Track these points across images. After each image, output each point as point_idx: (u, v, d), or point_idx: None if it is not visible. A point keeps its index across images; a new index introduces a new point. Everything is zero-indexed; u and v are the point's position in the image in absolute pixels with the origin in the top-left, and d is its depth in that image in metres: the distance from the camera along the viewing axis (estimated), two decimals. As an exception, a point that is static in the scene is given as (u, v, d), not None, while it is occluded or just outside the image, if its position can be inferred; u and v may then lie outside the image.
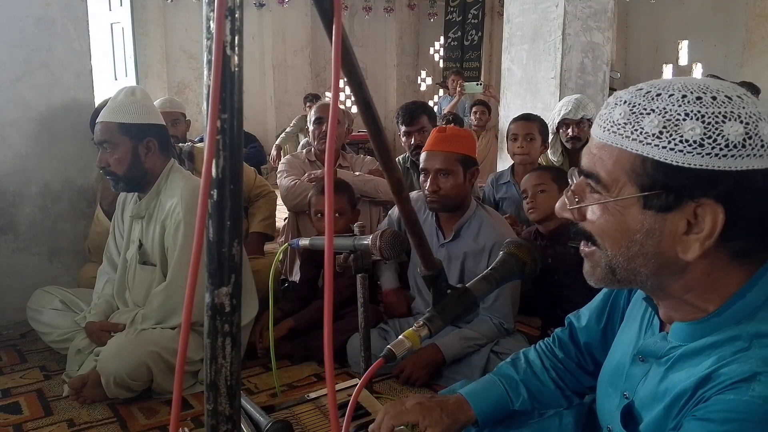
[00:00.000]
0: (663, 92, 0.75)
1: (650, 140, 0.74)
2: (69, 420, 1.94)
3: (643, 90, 0.77)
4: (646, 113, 0.75)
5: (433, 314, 0.95)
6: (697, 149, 0.72)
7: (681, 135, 0.72)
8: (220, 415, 0.50)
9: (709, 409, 0.74)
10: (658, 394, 0.85)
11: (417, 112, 3.21)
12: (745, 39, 6.12)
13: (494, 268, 1.01)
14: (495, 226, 2.25)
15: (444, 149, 2.20)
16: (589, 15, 3.67)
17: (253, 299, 2.34)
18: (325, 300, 0.53)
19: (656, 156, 0.73)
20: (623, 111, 0.77)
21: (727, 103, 0.73)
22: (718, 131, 0.71)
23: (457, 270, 2.26)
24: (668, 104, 0.74)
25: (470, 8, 8.87)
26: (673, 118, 0.73)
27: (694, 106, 0.73)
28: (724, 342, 0.78)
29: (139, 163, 2.13)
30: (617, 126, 0.77)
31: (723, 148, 0.71)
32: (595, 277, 0.85)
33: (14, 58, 2.70)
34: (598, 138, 0.80)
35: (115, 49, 6.78)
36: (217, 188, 0.47)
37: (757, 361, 0.73)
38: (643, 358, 0.92)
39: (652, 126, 0.74)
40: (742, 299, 0.78)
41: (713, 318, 0.80)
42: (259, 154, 6.33)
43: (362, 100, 0.66)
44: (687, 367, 0.81)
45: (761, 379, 0.71)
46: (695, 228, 0.75)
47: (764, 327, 0.76)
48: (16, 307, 2.54)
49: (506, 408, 1.15)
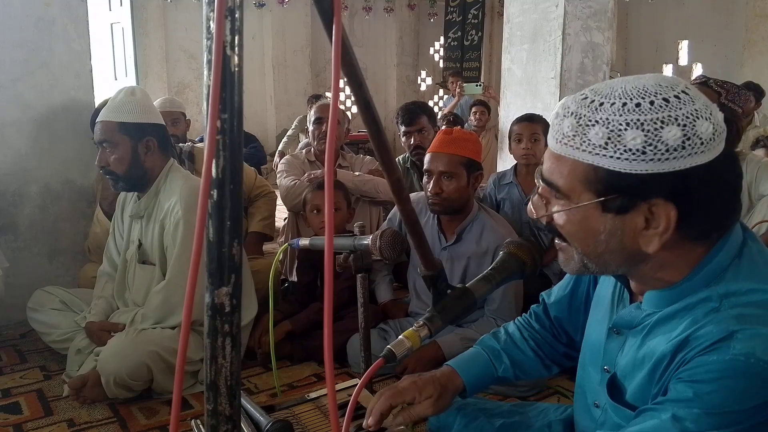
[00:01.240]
0: (605, 101, 0.79)
1: (598, 151, 0.79)
2: (69, 420, 1.94)
3: (587, 99, 0.81)
4: (591, 125, 0.79)
5: (433, 314, 0.95)
6: (640, 156, 0.76)
7: (624, 145, 0.77)
8: (220, 415, 0.50)
9: (694, 371, 0.78)
10: (637, 362, 0.90)
11: (416, 113, 3.21)
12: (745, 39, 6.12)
13: (494, 268, 1.01)
14: (497, 229, 2.25)
15: (448, 152, 2.18)
16: (589, 15, 3.66)
17: (252, 299, 2.34)
18: (325, 300, 0.53)
19: (605, 165, 0.79)
20: (571, 123, 0.82)
21: (665, 107, 0.77)
22: (657, 138, 0.76)
23: (459, 273, 2.26)
24: (610, 114, 0.78)
25: (470, 8, 8.87)
26: (616, 129, 0.77)
27: (634, 115, 0.77)
28: (696, 304, 0.83)
29: (139, 163, 2.13)
30: (567, 138, 0.82)
31: (664, 152, 0.76)
32: (570, 268, 0.91)
33: (14, 58, 2.70)
34: (553, 149, 0.86)
35: (115, 49, 6.77)
36: (217, 188, 0.47)
37: (731, 320, 0.78)
38: (618, 330, 0.97)
39: (598, 138, 0.78)
40: (708, 264, 0.84)
41: (684, 283, 0.85)
42: (259, 154, 6.31)
43: (362, 101, 0.66)
44: (663, 332, 0.86)
45: (738, 336, 0.76)
46: (653, 223, 0.80)
47: (732, 286, 0.81)
48: (16, 307, 2.54)
49: (491, 375, 1.21)
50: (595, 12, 3.73)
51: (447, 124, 4.97)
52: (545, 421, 1.20)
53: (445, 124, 4.97)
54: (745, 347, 0.75)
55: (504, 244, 1.04)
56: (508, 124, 4.06)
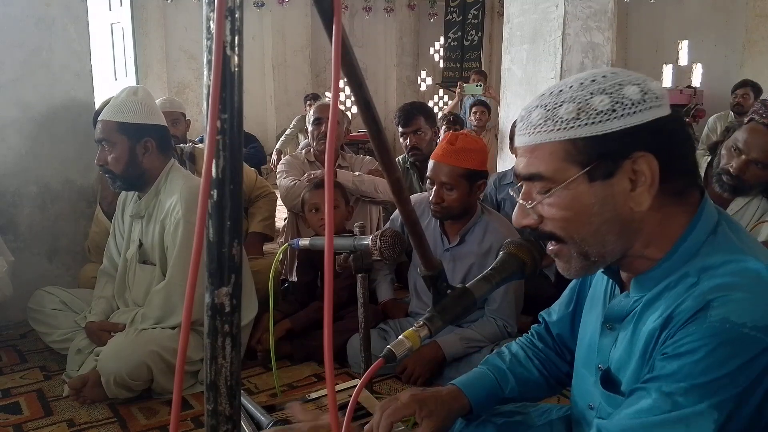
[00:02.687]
0: (564, 87, 0.87)
1: (573, 124, 0.84)
2: (69, 420, 1.94)
3: (546, 93, 0.89)
4: (558, 106, 0.86)
5: (433, 314, 0.95)
6: (612, 114, 0.83)
7: (594, 109, 0.83)
8: (220, 415, 0.50)
9: (676, 344, 0.81)
10: (632, 351, 0.91)
11: (413, 114, 3.21)
12: (745, 39, 6.12)
13: (494, 269, 1.00)
14: (500, 230, 2.25)
15: (450, 163, 2.15)
16: (589, 15, 3.66)
17: (252, 299, 2.34)
18: (325, 300, 0.53)
19: (583, 134, 0.84)
20: (539, 113, 0.87)
21: (615, 75, 0.86)
22: (621, 95, 0.83)
23: (462, 274, 2.25)
24: (573, 93, 0.85)
25: (470, 8, 8.86)
26: (583, 99, 0.84)
27: (594, 86, 0.85)
28: (676, 282, 0.87)
29: (137, 163, 2.13)
30: (538, 126, 0.87)
31: (630, 107, 0.83)
32: (572, 269, 0.92)
33: (14, 58, 2.70)
34: (525, 144, 0.90)
35: (115, 49, 6.77)
36: (217, 188, 0.47)
37: (707, 291, 0.81)
38: (611, 325, 0.98)
39: (568, 113, 0.84)
40: (685, 242, 0.88)
41: (664, 263, 0.89)
42: (259, 154, 6.32)
43: (362, 101, 0.66)
44: (650, 313, 0.88)
45: (714, 304, 0.79)
46: (638, 182, 0.85)
47: (708, 260, 0.85)
48: (16, 307, 2.54)
49: (497, 395, 1.19)
50: (595, 12, 3.72)
51: (447, 124, 4.97)
52: (547, 420, 1.20)
53: (446, 124, 4.97)
54: (720, 313, 0.78)
55: (504, 244, 1.04)
56: (508, 124, 4.06)
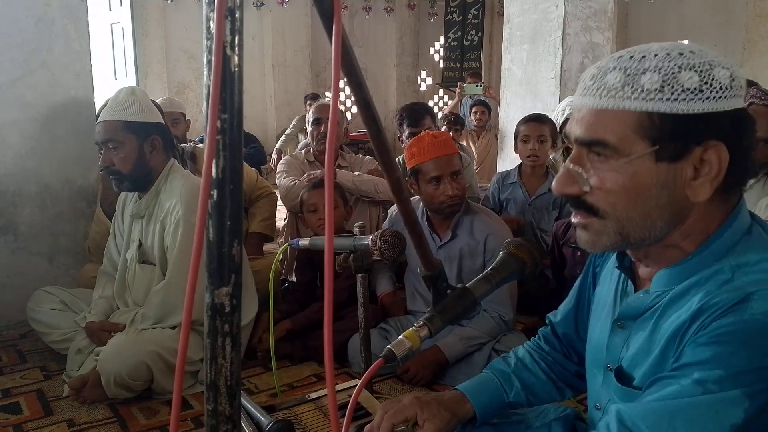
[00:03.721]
0: (647, 54, 0.80)
1: (653, 96, 0.78)
2: (69, 420, 1.94)
3: (625, 56, 0.82)
4: (641, 73, 0.79)
5: (433, 314, 0.95)
6: (698, 95, 0.77)
7: (681, 85, 0.77)
8: (220, 415, 0.50)
9: (711, 334, 0.77)
10: (650, 347, 0.88)
11: (421, 113, 3.22)
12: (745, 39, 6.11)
13: (494, 268, 1.00)
14: (486, 220, 2.31)
15: (454, 152, 2.28)
16: (589, 15, 3.66)
17: (253, 299, 2.34)
18: (325, 300, 0.53)
19: (662, 109, 0.78)
20: (617, 76, 0.81)
21: (704, 54, 0.80)
22: (711, 76, 0.78)
23: (456, 269, 2.28)
24: (659, 62, 0.79)
25: (470, 8, 8.86)
26: (670, 71, 0.78)
27: (682, 60, 0.79)
28: (708, 278, 0.82)
29: (145, 161, 2.14)
30: (614, 90, 0.81)
31: (718, 90, 0.78)
32: (600, 244, 0.87)
33: (14, 58, 2.70)
34: (594, 105, 0.83)
35: (115, 49, 6.77)
36: (217, 188, 0.47)
37: (746, 284, 0.78)
38: (622, 324, 0.95)
39: (653, 82, 0.78)
40: (720, 238, 0.84)
41: (695, 257, 0.85)
42: (259, 154, 6.31)
43: (362, 101, 0.66)
44: (676, 309, 0.84)
45: (755, 297, 0.76)
46: (702, 171, 0.80)
47: (744, 258, 0.82)
48: (16, 307, 2.54)
49: (502, 400, 1.17)
50: (595, 12, 3.73)
51: (448, 124, 4.97)
52: (545, 421, 1.19)
53: (446, 124, 4.97)
54: (763, 306, 0.75)
55: (504, 244, 1.04)
56: (508, 124, 4.06)
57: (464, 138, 5.45)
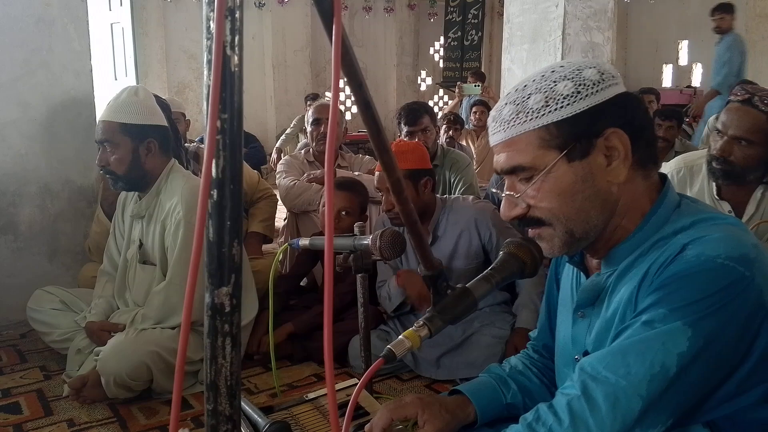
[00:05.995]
0: (528, 83, 0.94)
1: (543, 111, 0.91)
2: (69, 420, 1.94)
3: (512, 92, 0.95)
4: (526, 98, 0.92)
5: (433, 314, 0.95)
6: (576, 97, 0.90)
7: (561, 94, 0.90)
8: (220, 415, 0.50)
9: (655, 284, 0.88)
10: (610, 321, 0.96)
11: (420, 113, 3.22)
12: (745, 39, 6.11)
13: (494, 268, 1.00)
14: (462, 207, 2.30)
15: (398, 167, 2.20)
16: (589, 15, 3.66)
17: (252, 299, 2.34)
18: (325, 300, 0.53)
19: (553, 119, 0.90)
20: (509, 109, 0.94)
21: (571, 64, 0.93)
22: (581, 78, 0.91)
23: (448, 260, 2.26)
24: (538, 85, 0.92)
25: (470, 8, 8.87)
26: (548, 87, 0.91)
27: (555, 75, 0.92)
28: (650, 247, 0.94)
29: (139, 164, 2.13)
30: (511, 120, 0.93)
31: (591, 87, 0.90)
32: (555, 248, 0.97)
33: (14, 58, 2.70)
34: (502, 139, 0.95)
35: (115, 49, 6.77)
36: (217, 188, 0.47)
37: (682, 240, 0.89)
38: (582, 313, 1.03)
39: (537, 102, 0.91)
40: (655, 214, 0.95)
41: (636, 234, 0.96)
42: (259, 154, 6.33)
43: (362, 101, 0.66)
44: (627, 280, 0.94)
45: (689, 246, 0.87)
46: (613, 156, 0.92)
47: (679, 224, 0.93)
48: (16, 307, 2.54)
49: (500, 401, 1.20)
50: (595, 12, 3.73)
51: (448, 124, 4.97)
52: None
53: (446, 124, 4.97)
54: (696, 251, 0.86)
55: (504, 244, 1.04)
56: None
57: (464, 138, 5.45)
